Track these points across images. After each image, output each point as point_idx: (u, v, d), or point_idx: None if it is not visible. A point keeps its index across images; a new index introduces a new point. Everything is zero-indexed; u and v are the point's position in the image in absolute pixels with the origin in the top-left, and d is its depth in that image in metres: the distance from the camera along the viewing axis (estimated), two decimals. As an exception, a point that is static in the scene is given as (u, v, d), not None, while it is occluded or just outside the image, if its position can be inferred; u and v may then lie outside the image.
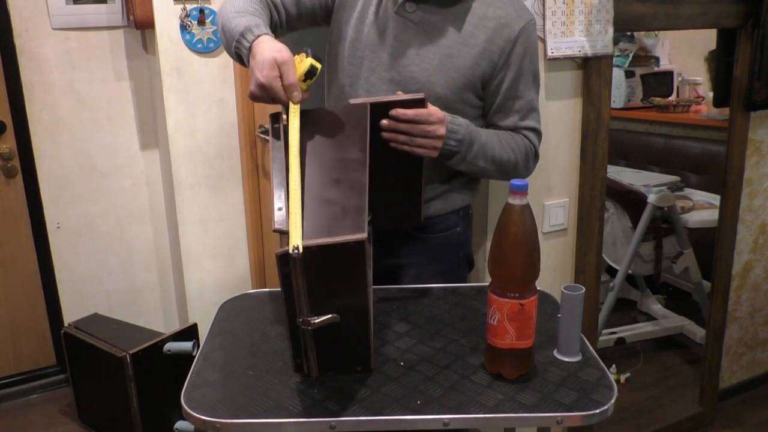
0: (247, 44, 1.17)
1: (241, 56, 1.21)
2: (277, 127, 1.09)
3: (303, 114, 1.09)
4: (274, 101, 1.11)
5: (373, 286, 1.25)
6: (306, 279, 0.90)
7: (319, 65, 1.12)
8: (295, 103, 1.09)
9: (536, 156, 1.41)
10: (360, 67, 1.34)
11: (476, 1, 1.32)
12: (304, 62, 1.11)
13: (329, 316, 0.93)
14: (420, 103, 1.17)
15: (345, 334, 0.98)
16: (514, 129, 1.37)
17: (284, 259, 0.89)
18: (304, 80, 1.11)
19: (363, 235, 0.89)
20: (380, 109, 1.15)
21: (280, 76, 1.08)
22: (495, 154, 1.31)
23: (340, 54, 1.37)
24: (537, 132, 1.40)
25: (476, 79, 1.32)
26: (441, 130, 1.20)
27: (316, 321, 0.93)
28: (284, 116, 1.09)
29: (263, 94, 1.10)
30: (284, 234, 0.92)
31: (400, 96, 1.20)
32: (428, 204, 1.39)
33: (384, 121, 1.16)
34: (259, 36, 1.16)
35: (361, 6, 1.34)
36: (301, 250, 0.87)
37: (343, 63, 1.36)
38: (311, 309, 0.93)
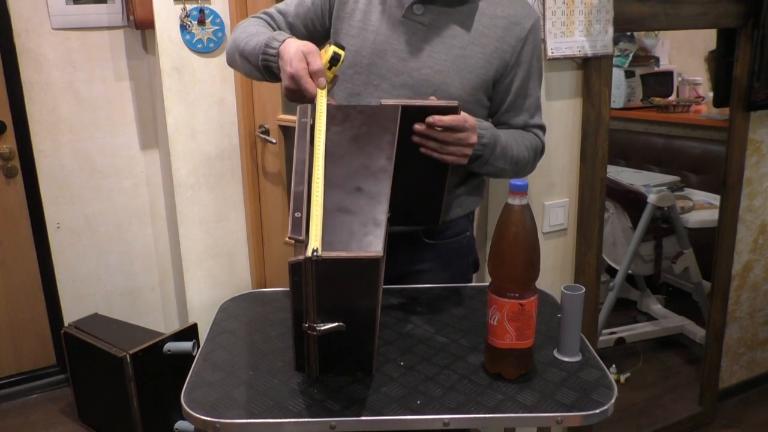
0: (274, 51, 1.22)
1: (270, 68, 1.24)
2: (305, 122, 1.06)
3: (332, 110, 1.09)
4: (305, 97, 1.13)
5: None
6: (316, 288, 0.89)
7: (342, 52, 1.16)
8: (321, 89, 1.13)
9: (542, 152, 1.42)
10: (368, 74, 1.32)
11: (483, 0, 1.31)
12: (328, 51, 1.16)
13: (335, 324, 0.92)
14: (453, 111, 1.13)
15: (350, 342, 0.97)
16: (524, 127, 1.38)
17: (297, 268, 0.88)
18: (330, 68, 1.16)
19: (379, 253, 0.88)
20: (411, 113, 1.12)
21: (307, 65, 1.13)
22: (514, 154, 1.30)
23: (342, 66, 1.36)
24: (544, 129, 1.42)
25: (489, 78, 1.31)
26: (473, 138, 1.17)
27: (322, 328, 0.92)
28: (311, 119, 1.08)
29: (295, 86, 1.14)
30: (299, 242, 0.90)
31: (434, 102, 1.16)
32: (445, 209, 1.37)
33: (417, 126, 1.13)
34: (284, 40, 1.21)
35: (360, 16, 1.33)
36: (320, 252, 0.86)
37: (347, 73, 1.33)
38: (318, 315, 0.92)
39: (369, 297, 0.93)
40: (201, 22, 2.14)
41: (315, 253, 0.86)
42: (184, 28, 2.13)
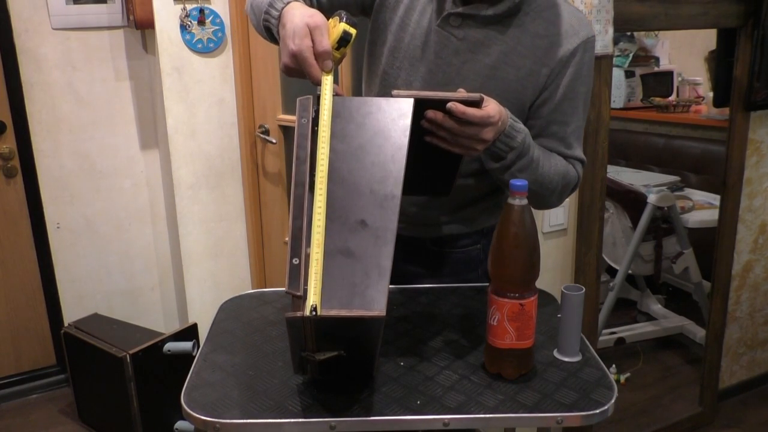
0: (276, 13, 1.08)
1: (271, 30, 1.11)
2: (305, 123, 0.95)
3: (336, 107, 0.97)
4: (305, 76, 1.02)
5: None
6: (315, 339, 0.86)
7: (353, 31, 1.01)
8: (327, 73, 1.00)
9: (575, 188, 1.26)
10: (396, 78, 1.23)
11: (529, 15, 1.17)
12: (338, 27, 1.01)
13: (335, 353, 0.88)
14: (476, 104, 1.00)
15: (350, 361, 0.94)
16: None
17: (294, 324, 0.83)
18: (337, 48, 1.02)
19: (382, 312, 0.83)
20: (427, 105, 1.00)
21: (313, 44, 0.99)
22: (543, 173, 1.15)
23: (378, 59, 1.26)
24: (583, 162, 1.25)
25: (524, 102, 1.19)
26: (489, 134, 1.03)
27: (322, 358, 0.88)
28: (313, 112, 0.96)
29: (296, 65, 1.01)
30: (297, 298, 0.85)
31: (455, 95, 1.00)
32: (452, 224, 1.34)
33: (431, 113, 1.00)
34: (288, 3, 1.07)
35: (403, 12, 1.21)
36: (319, 311, 0.82)
37: (380, 69, 1.25)
38: (317, 347, 0.89)
39: (371, 339, 0.90)
40: (201, 22, 2.14)
41: (314, 312, 0.81)
42: (184, 28, 2.13)
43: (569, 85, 1.18)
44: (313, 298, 0.82)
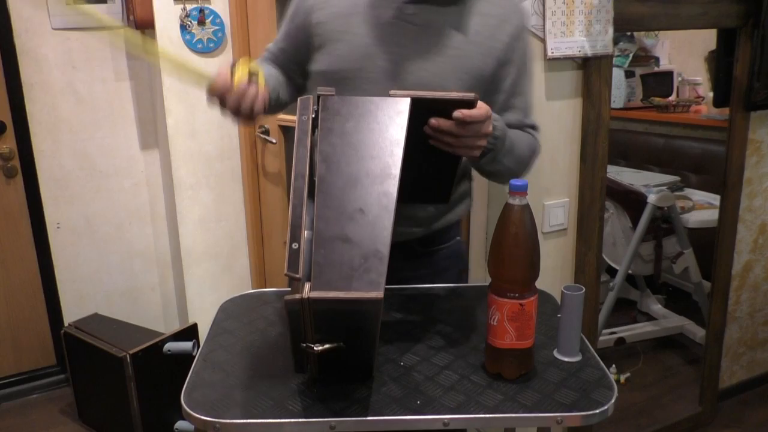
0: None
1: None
2: (305, 120, 0.99)
3: (335, 105, 1.00)
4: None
5: None
6: (314, 322, 0.87)
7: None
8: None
9: (538, 153, 1.37)
10: (355, 80, 1.23)
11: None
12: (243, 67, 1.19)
13: (335, 345, 0.90)
14: (470, 104, 1.03)
15: (349, 354, 0.95)
16: (519, 127, 1.31)
17: (293, 306, 0.85)
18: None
19: (380, 294, 0.85)
20: (423, 105, 1.02)
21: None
22: (518, 152, 1.24)
23: (326, 71, 1.27)
24: (537, 129, 1.37)
25: (486, 78, 1.26)
26: (489, 128, 1.09)
27: (321, 348, 0.90)
28: (312, 112, 1.01)
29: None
30: (296, 280, 0.87)
31: (450, 94, 1.05)
32: (438, 218, 1.36)
33: (434, 122, 1.04)
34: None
35: (342, 20, 1.25)
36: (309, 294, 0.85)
37: (334, 79, 1.24)
38: (316, 337, 0.90)
39: (369, 326, 0.91)
40: (201, 22, 2.15)
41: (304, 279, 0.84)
42: (184, 28, 2.13)
43: (521, 58, 1.29)
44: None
